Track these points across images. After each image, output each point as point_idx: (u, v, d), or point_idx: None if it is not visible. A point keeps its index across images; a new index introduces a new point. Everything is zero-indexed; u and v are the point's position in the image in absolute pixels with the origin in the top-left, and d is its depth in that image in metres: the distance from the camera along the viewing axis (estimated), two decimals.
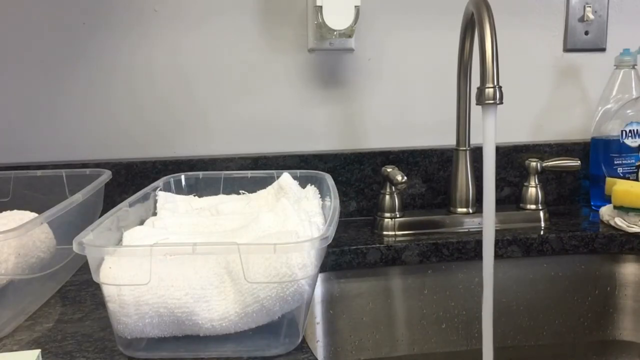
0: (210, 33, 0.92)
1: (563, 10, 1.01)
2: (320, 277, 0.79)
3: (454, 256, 0.83)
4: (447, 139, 0.95)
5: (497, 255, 0.82)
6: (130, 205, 0.62)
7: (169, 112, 0.93)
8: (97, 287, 0.67)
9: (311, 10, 0.90)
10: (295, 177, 0.73)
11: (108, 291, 0.49)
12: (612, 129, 0.94)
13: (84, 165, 0.86)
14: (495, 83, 0.66)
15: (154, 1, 0.90)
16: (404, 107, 0.98)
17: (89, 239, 0.50)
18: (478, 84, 0.67)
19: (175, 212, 0.67)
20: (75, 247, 0.48)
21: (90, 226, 0.53)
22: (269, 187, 0.73)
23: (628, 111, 0.94)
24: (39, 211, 0.62)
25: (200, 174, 0.78)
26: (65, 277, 0.69)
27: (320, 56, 0.95)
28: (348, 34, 0.86)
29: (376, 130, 0.98)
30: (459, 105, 0.87)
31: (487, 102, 0.66)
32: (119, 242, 0.56)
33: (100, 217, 0.57)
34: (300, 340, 0.53)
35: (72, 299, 0.64)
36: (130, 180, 0.89)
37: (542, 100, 1.03)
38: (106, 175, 0.76)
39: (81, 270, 0.73)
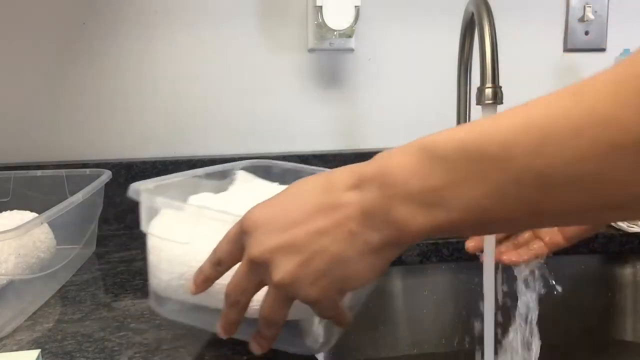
0: (210, 34, 0.92)
1: (563, 10, 1.01)
2: None
3: (454, 256, 0.83)
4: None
5: None
6: (206, 176, 0.60)
7: (169, 112, 0.93)
8: (97, 287, 0.68)
9: (311, 10, 0.90)
10: None
11: (153, 243, 0.49)
12: None
13: (84, 165, 0.86)
14: (495, 83, 0.66)
15: (154, 2, 0.90)
16: (404, 107, 0.98)
17: (148, 187, 0.49)
18: (478, 84, 0.67)
19: (251, 192, 0.63)
20: (130, 192, 0.48)
21: (154, 179, 0.52)
22: None
23: None
24: (39, 211, 0.62)
25: (289, 165, 0.71)
26: (65, 277, 0.69)
27: (320, 56, 0.95)
28: (348, 34, 0.86)
29: (376, 130, 0.98)
30: (459, 105, 0.87)
31: (487, 102, 0.66)
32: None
33: (99, 215, 0.56)
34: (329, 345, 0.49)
35: (72, 299, 0.64)
36: (130, 180, 0.89)
37: None
38: (106, 175, 0.76)
39: (81, 270, 0.73)
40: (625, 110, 0.27)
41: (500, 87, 0.66)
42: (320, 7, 0.83)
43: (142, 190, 0.48)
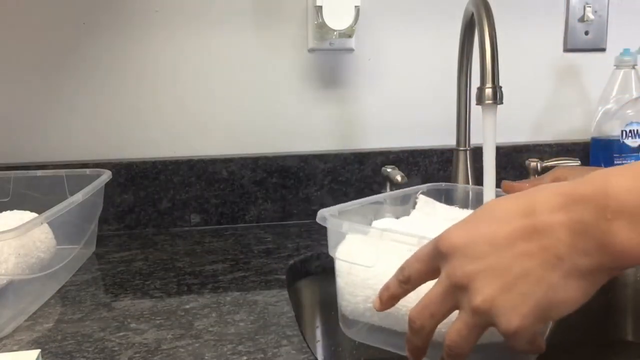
0: (210, 33, 0.92)
1: (563, 10, 1.01)
2: (320, 277, 0.79)
3: None
4: (447, 139, 0.95)
5: None
6: (388, 201, 0.62)
7: (169, 112, 0.93)
8: (97, 287, 0.68)
9: (311, 10, 0.90)
10: None
11: (340, 266, 0.51)
12: (612, 129, 0.94)
13: (84, 165, 0.86)
14: (495, 83, 0.66)
15: (154, 2, 0.90)
16: (404, 107, 0.98)
17: (332, 213, 0.52)
18: (478, 84, 0.67)
19: (430, 217, 0.64)
20: (318, 218, 0.52)
21: (337, 206, 0.55)
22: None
23: (628, 111, 0.94)
24: (39, 211, 0.62)
25: (470, 187, 0.72)
26: (65, 277, 0.69)
27: (320, 56, 0.95)
28: (348, 34, 0.86)
29: (376, 130, 0.98)
30: (459, 105, 0.87)
31: (487, 102, 0.66)
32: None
33: (98, 216, 0.57)
34: None
35: (72, 299, 0.64)
36: (130, 181, 0.90)
37: (542, 100, 1.03)
38: (106, 175, 0.76)
39: (81, 270, 0.73)
40: None
41: (500, 87, 0.66)
42: (320, 7, 0.83)
43: (327, 216, 0.51)
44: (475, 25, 0.70)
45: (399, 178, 0.81)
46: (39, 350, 0.46)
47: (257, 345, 0.52)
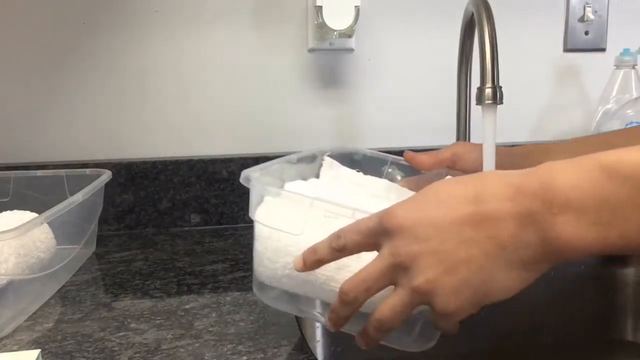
0: (210, 33, 0.92)
1: (563, 10, 1.01)
2: None
3: None
4: (447, 139, 0.95)
5: None
6: (298, 160, 0.62)
7: (169, 112, 0.93)
8: (97, 287, 0.68)
9: (311, 10, 0.90)
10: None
11: (260, 231, 0.49)
12: (612, 129, 0.94)
13: (84, 165, 0.86)
14: (495, 83, 0.66)
15: (154, 2, 0.90)
16: (404, 107, 0.98)
17: (256, 175, 0.50)
18: (478, 84, 0.67)
19: (337, 181, 0.65)
20: (242, 179, 0.50)
21: (260, 165, 0.54)
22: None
23: (628, 111, 0.94)
24: (39, 211, 0.62)
25: (368, 151, 0.73)
26: (65, 277, 0.69)
27: (320, 56, 0.95)
28: (348, 34, 0.86)
29: (376, 130, 0.98)
30: (459, 105, 0.87)
31: (487, 102, 0.66)
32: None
33: (98, 215, 0.57)
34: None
35: (72, 299, 0.64)
36: (130, 181, 0.89)
37: (542, 100, 1.03)
38: (106, 175, 0.76)
39: (81, 270, 0.73)
40: None
41: (500, 87, 0.66)
42: (320, 7, 0.83)
43: (252, 177, 0.50)
44: (475, 25, 0.70)
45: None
46: (39, 350, 0.46)
47: (257, 345, 0.52)
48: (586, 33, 1.01)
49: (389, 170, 0.71)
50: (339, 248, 0.42)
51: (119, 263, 0.76)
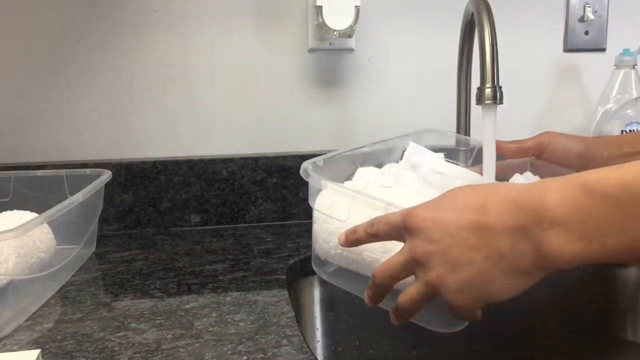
0: (210, 33, 0.92)
1: (563, 10, 1.01)
2: (319, 277, 0.79)
3: None
4: (447, 138, 0.95)
5: None
6: (373, 145, 0.69)
7: (169, 112, 0.93)
8: (97, 287, 0.68)
9: (311, 10, 0.90)
10: None
11: (317, 215, 0.59)
12: (612, 129, 0.94)
13: (84, 165, 0.86)
14: (495, 83, 0.66)
15: (154, 2, 0.90)
16: (404, 106, 0.98)
17: (316, 166, 0.60)
18: (478, 84, 0.67)
19: (418, 168, 0.69)
20: (301, 171, 0.58)
21: (325, 155, 0.63)
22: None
23: (628, 111, 0.94)
24: (39, 211, 0.62)
25: (469, 139, 0.76)
26: (65, 277, 0.69)
27: (320, 56, 0.95)
28: (348, 34, 0.86)
29: (376, 129, 0.97)
30: (459, 105, 0.87)
31: (487, 102, 0.66)
32: (351, 175, 0.65)
33: (98, 215, 0.57)
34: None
35: (72, 299, 0.64)
36: (130, 181, 0.90)
37: (542, 100, 1.03)
38: (106, 175, 0.76)
39: (81, 270, 0.73)
40: None
41: (500, 87, 0.66)
42: (320, 7, 0.83)
43: (310, 169, 0.58)
44: (475, 25, 0.70)
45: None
46: (39, 350, 0.46)
47: (257, 345, 0.52)
48: (586, 33, 1.01)
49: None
50: (373, 233, 0.49)
51: (119, 263, 0.76)
